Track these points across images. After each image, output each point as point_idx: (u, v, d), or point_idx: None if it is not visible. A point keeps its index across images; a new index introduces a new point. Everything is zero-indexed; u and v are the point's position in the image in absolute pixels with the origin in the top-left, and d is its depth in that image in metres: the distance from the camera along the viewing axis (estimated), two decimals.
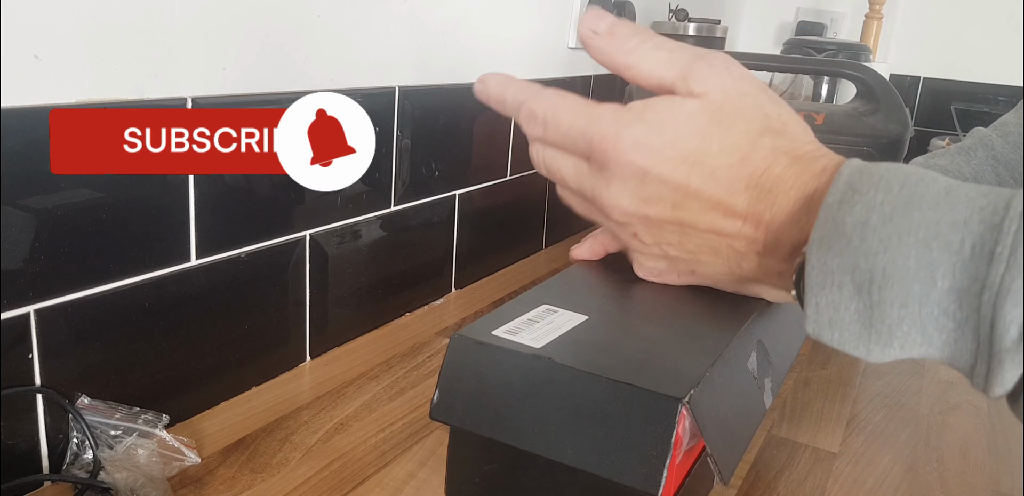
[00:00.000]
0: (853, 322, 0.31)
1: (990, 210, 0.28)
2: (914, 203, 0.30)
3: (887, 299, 0.30)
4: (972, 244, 0.28)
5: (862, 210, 0.31)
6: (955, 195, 0.30)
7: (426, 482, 0.51)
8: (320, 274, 0.67)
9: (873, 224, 0.30)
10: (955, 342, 0.29)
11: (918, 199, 0.30)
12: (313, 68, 0.62)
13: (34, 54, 0.43)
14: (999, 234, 0.27)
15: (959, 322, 0.29)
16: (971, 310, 0.28)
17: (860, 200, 0.31)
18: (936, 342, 0.29)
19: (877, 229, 0.30)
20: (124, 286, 0.50)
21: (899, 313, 0.30)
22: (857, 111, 0.95)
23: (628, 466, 0.38)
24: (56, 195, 0.45)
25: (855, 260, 0.30)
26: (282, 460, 0.53)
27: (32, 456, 0.48)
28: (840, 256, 0.31)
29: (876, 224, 0.30)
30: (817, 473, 0.55)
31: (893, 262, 0.30)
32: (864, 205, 0.31)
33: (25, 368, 0.46)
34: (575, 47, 1.02)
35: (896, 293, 0.30)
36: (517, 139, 0.92)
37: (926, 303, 0.29)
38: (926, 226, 0.29)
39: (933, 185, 0.30)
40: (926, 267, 0.29)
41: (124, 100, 0.48)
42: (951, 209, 0.29)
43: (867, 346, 0.31)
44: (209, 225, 0.55)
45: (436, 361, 0.69)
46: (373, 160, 0.50)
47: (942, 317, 0.29)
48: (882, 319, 0.30)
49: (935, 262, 0.28)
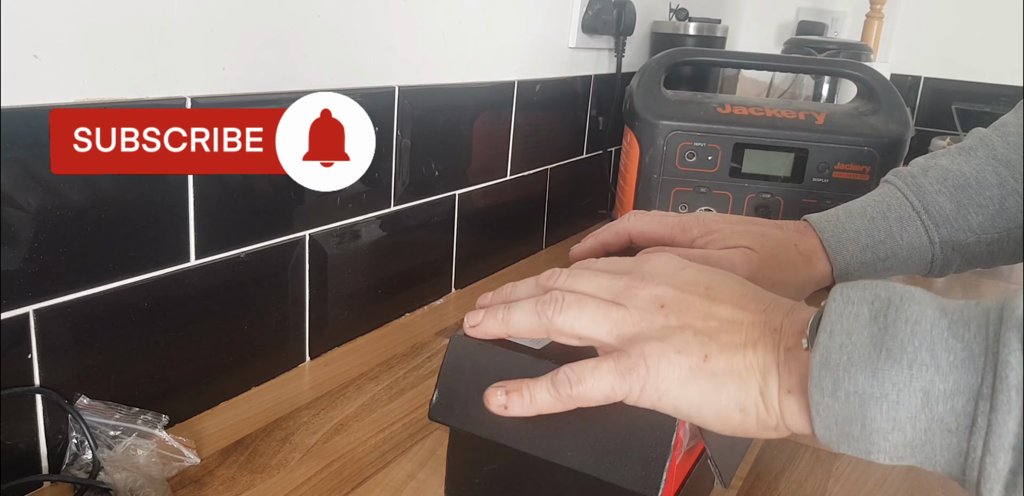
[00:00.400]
0: (864, 344, 0.32)
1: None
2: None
3: (902, 317, 0.31)
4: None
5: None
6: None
7: (426, 483, 0.51)
8: (320, 274, 0.67)
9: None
10: (962, 362, 0.30)
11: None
12: (313, 68, 0.62)
13: (34, 54, 0.43)
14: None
15: (967, 342, 0.30)
16: (979, 327, 0.30)
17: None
18: (943, 365, 0.30)
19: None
20: (124, 286, 0.50)
21: (911, 329, 0.31)
22: (858, 111, 0.95)
23: (627, 468, 0.38)
24: (56, 195, 0.45)
25: (876, 292, 0.33)
26: (282, 460, 0.53)
27: (31, 456, 0.48)
28: (863, 290, 0.33)
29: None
30: (818, 473, 0.55)
31: (911, 292, 0.32)
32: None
33: (24, 368, 0.46)
34: (575, 47, 1.02)
35: (911, 312, 0.31)
36: (517, 139, 0.92)
37: (938, 324, 0.31)
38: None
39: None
40: (939, 298, 0.32)
41: (124, 100, 0.48)
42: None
43: (874, 365, 0.31)
44: (209, 225, 0.55)
45: (436, 361, 0.69)
46: (373, 160, 0.50)
47: (951, 339, 0.30)
48: (894, 335, 0.31)
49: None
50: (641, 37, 1.22)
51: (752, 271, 0.49)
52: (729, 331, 0.37)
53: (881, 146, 0.90)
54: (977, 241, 0.53)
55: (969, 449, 0.29)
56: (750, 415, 0.36)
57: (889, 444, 0.31)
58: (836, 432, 0.32)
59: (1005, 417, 0.28)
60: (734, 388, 0.36)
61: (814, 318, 0.35)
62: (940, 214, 0.53)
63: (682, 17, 1.23)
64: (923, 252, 0.53)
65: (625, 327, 0.39)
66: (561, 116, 1.03)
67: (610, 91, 1.13)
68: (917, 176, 0.54)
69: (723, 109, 0.93)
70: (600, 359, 0.38)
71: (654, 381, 0.37)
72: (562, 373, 0.39)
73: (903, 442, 0.31)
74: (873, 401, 0.31)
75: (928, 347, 0.30)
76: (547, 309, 0.40)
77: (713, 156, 0.92)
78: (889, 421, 0.31)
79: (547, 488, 0.43)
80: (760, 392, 0.36)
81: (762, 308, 0.38)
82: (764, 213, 0.93)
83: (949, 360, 0.30)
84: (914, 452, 0.31)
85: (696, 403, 0.36)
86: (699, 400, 0.36)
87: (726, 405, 0.36)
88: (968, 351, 0.30)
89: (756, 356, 0.36)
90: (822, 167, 0.91)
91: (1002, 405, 0.28)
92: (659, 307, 0.38)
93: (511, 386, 0.40)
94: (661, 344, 0.37)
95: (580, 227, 1.16)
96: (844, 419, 0.32)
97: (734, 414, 0.36)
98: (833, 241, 0.53)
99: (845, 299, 0.33)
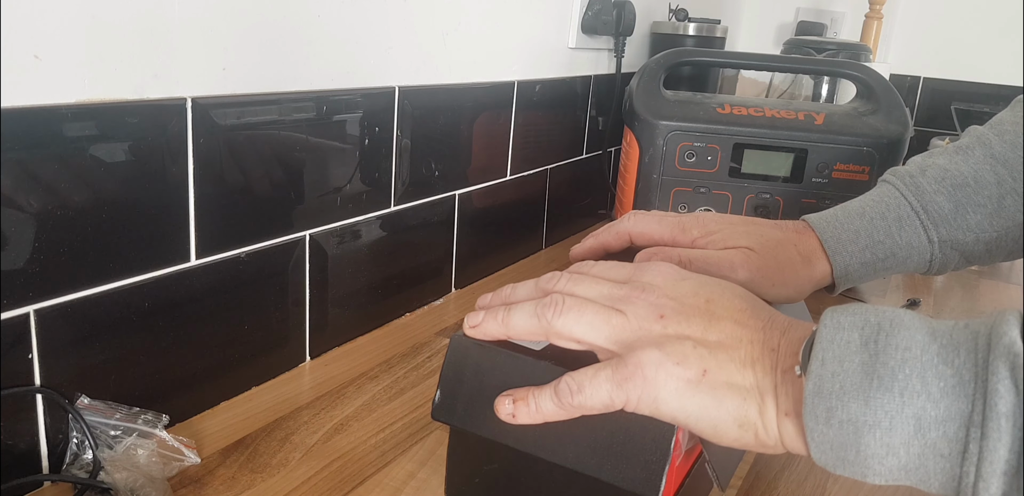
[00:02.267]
0: (856, 372, 0.32)
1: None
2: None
3: (892, 343, 0.32)
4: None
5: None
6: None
7: (426, 482, 0.51)
8: (320, 274, 0.67)
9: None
10: (952, 389, 0.30)
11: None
12: (313, 68, 0.62)
13: (34, 54, 0.43)
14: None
15: (956, 368, 0.30)
16: (968, 353, 0.30)
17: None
18: (934, 391, 0.30)
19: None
20: (124, 286, 0.50)
21: (902, 356, 0.31)
22: (857, 111, 0.95)
23: (627, 469, 0.38)
24: (56, 195, 0.45)
25: (866, 317, 0.34)
26: (282, 460, 0.53)
27: (32, 456, 0.48)
28: (853, 315, 0.34)
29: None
30: (817, 473, 0.55)
31: (900, 317, 0.33)
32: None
33: (25, 368, 0.46)
34: (575, 47, 1.02)
35: (901, 338, 0.32)
36: (517, 139, 0.92)
37: (927, 350, 0.31)
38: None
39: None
40: (929, 321, 0.33)
41: (124, 100, 0.48)
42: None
43: (866, 394, 0.31)
44: (209, 225, 0.55)
45: (436, 361, 0.69)
46: (373, 160, 0.50)
47: (941, 365, 0.31)
48: (885, 362, 0.32)
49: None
50: (641, 37, 1.22)
51: (752, 271, 0.49)
52: (728, 347, 0.37)
53: (880, 146, 0.90)
54: (976, 240, 0.53)
55: (962, 474, 0.30)
56: (748, 431, 0.36)
57: (884, 468, 0.32)
58: (831, 456, 0.33)
59: (996, 444, 0.29)
60: (733, 405, 0.36)
61: (806, 343, 0.35)
62: (939, 214, 0.53)
63: (681, 17, 1.23)
64: (922, 252, 0.53)
65: (624, 333, 0.39)
66: (561, 116, 1.03)
67: (610, 91, 1.13)
68: (915, 176, 0.54)
69: (723, 109, 0.93)
70: (599, 367, 0.38)
71: (652, 391, 0.37)
72: (564, 382, 0.39)
73: (897, 466, 0.32)
74: (867, 428, 0.31)
75: (919, 374, 0.31)
76: (547, 312, 0.40)
77: (712, 156, 0.92)
78: (883, 447, 0.31)
79: (547, 488, 0.43)
80: (759, 412, 0.36)
81: (760, 325, 0.38)
82: (763, 213, 0.93)
83: (940, 386, 0.30)
84: (908, 475, 0.32)
85: (694, 416, 0.37)
86: (697, 413, 0.37)
87: (724, 420, 0.36)
88: (958, 377, 0.30)
89: (755, 376, 0.36)
90: (821, 167, 0.91)
91: (992, 432, 0.29)
92: (658, 317, 0.38)
93: (518, 395, 0.40)
94: (659, 353, 0.37)
95: (580, 227, 1.16)
96: (839, 445, 0.32)
97: (732, 429, 0.36)
98: (833, 242, 0.53)
99: (836, 325, 0.34)
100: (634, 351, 0.38)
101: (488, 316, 0.42)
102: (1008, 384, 0.29)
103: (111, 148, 0.48)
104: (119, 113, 0.48)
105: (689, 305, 0.39)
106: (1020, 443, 0.28)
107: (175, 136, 0.51)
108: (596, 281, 0.42)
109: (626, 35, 1.07)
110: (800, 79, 1.41)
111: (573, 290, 0.41)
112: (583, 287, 0.41)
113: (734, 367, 0.37)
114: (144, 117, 0.49)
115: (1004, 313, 0.31)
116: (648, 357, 0.37)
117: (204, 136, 0.53)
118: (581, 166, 1.11)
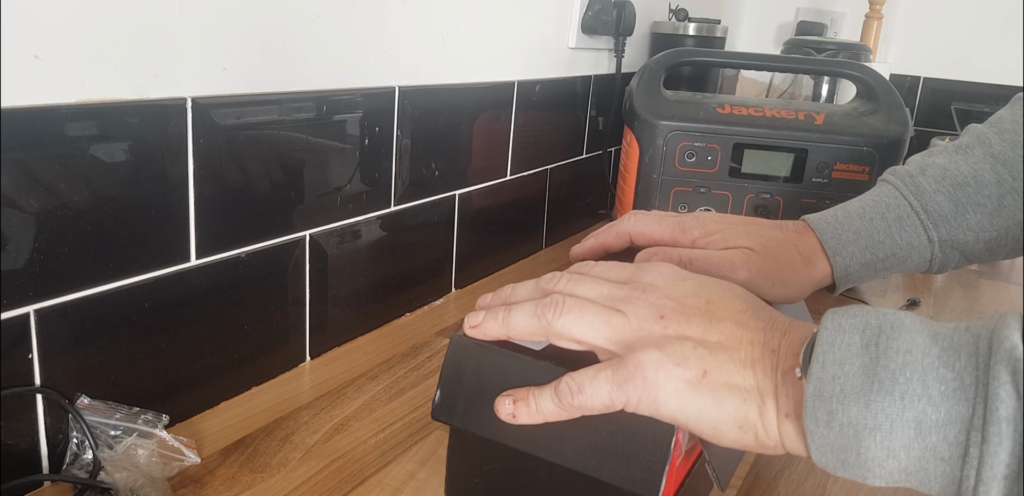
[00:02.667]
0: (856, 375, 0.32)
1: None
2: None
3: (893, 346, 0.32)
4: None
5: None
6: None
7: (426, 482, 0.51)
8: (320, 274, 0.67)
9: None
10: (953, 393, 0.30)
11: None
12: (313, 68, 0.62)
13: (34, 54, 0.43)
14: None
15: (957, 372, 0.30)
16: (969, 357, 0.30)
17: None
18: (935, 395, 0.30)
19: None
20: (124, 286, 0.50)
21: (903, 359, 0.31)
22: (857, 111, 0.95)
23: (627, 470, 0.38)
24: (56, 195, 0.45)
25: (867, 319, 0.33)
26: (282, 460, 0.53)
27: (32, 456, 0.48)
28: (853, 317, 0.34)
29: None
30: (817, 473, 0.55)
31: (901, 319, 0.33)
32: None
33: (25, 368, 0.46)
34: (575, 47, 1.02)
35: (902, 341, 0.32)
36: (517, 139, 0.92)
37: (928, 353, 0.31)
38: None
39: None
40: (930, 323, 0.33)
41: (124, 100, 0.48)
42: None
43: (867, 397, 0.31)
44: (209, 225, 0.55)
45: (436, 361, 0.69)
46: (373, 160, 0.50)
47: (942, 369, 0.31)
48: (886, 365, 0.32)
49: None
50: (641, 37, 1.22)
51: (752, 271, 0.49)
52: (729, 348, 0.37)
53: (880, 146, 0.90)
54: (976, 239, 0.53)
55: (963, 478, 0.30)
56: (748, 433, 0.36)
57: (884, 471, 0.32)
58: (832, 458, 0.33)
59: (996, 449, 0.29)
60: (733, 406, 0.36)
61: (807, 346, 0.35)
62: (939, 213, 0.53)
63: (682, 17, 1.23)
64: (922, 251, 0.53)
65: (624, 334, 0.39)
66: (561, 116, 1.03)
67: (610, 91, 1.13)
68: (915, 175, 0.54)
69: (723, 109, 0.93)
70: (599, 367, 0.38)
71: (651, 392, 0.37)
72: (564, 382, 0.39)
73: (898, 469, 0.32)
74: (867, 432, 0.31)
75: (920, 378, 0.31)
76: (547, 312, 0.40)
77: (713, 156, 0.92)
78: (884, 450, 0.31)
79: (547, 488, 0.43)
80: (759, 414, 0.36)
81: (761, 326, 0.38)
82: (764, 213, 0.93)
83: (940, 390, 0.30)
84: (909, 478, 0.32)
85: (694, 417, 0.37)
86: (697, 414, 0.37)
87: (724, 421, 0.36)
88: (959, 381, 0.30)
89: (756, 377, 0.36)
90: (821, 167, 0.91)
91: (993, 437, 0.29)
92: (659, 318, 0.38)
93: (518, 395, 0.40)
94: (659, 353, 0.37)
95: (580, 227, 1.16)
96: (839, 447, 0.32)
97: (732, 430, 0.36)
98: (833, 242, 0.53)
99: (836, 327, 0.34)
100: (634, 352, 0.38)
101: (488, 316, 0.42)
102: (1009, 388, 0.29)
103: (111, 148, 0.48)
104: (119, 113, 0.48)
105: (689, 306, 0.39)
106: (1021, 447, 0.28)
107: (175, 136, 0.51)
108: (596, 281, 0.42)
109: (626, 35, 1.07)
110: (800, 79, 1.41)
111: (573, 290, 0.41)
112: (583, 287, 0.41)
113: (734, 368, 0.36)
114: (144, 117, 0.49)
115: (1005, 316, 0.31)
116: (648, 358, 0.37)
117: (204, 136, 0.53)
118: (581, 166, 1.11)
